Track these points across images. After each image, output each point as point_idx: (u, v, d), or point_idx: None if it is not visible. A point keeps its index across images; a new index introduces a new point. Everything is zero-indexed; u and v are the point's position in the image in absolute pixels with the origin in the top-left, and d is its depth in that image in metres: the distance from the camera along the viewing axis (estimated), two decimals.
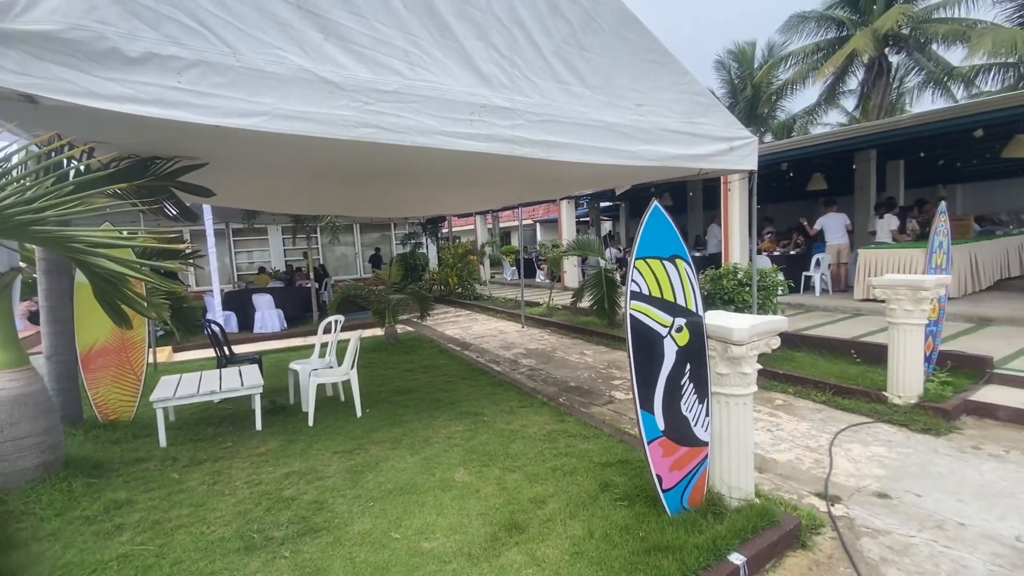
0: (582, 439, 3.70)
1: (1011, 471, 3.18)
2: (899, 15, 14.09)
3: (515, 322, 9.95)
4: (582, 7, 3.44)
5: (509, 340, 8.27)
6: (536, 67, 3.29)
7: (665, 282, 2.40)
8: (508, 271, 18.70)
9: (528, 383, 5.57)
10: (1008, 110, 6.20)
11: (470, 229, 22.05)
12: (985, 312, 6.46)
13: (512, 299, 12.17)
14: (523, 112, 3.19)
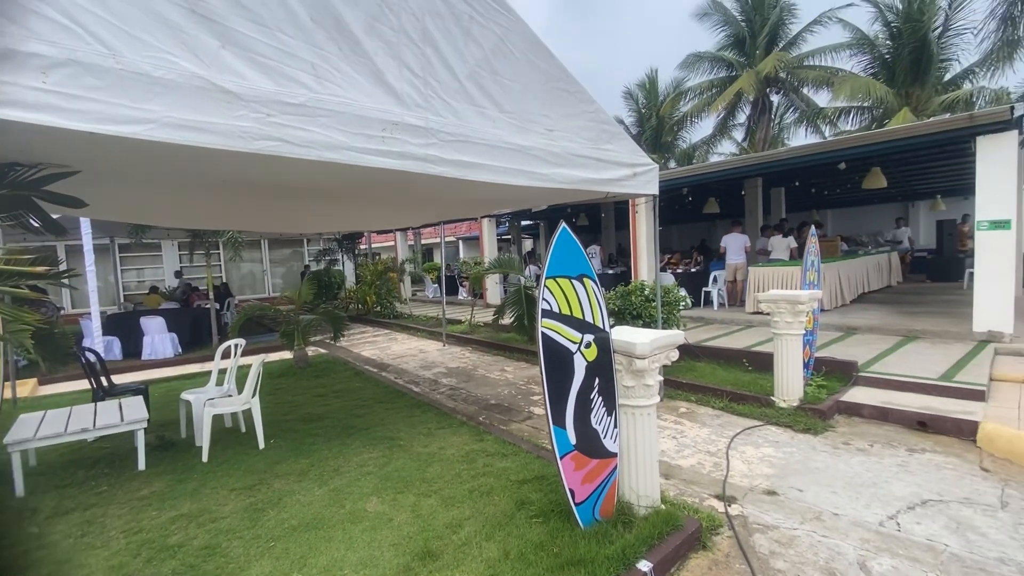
0: (500, 457, 3.70)
1: (874, 463, 3.62)
2: (777, 61, 15.98)
3: (436, 340, 9.81)
4: (495, 34, 3.55)
5: (430, 359, 8.13)
6: (450, 88, 3.33)
7: (574, 300, 2.49)
8: (430, 288, 18.45)
9: (448, 403, 5.49)
10: (864, 147, 7.23)
11: (390, 246, 21.57)
12: (851, 322, 7.39)
13: (434, 317, 12.00)
14: (437, 131, 3.20)
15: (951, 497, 3.11)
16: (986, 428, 3.82)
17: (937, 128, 6.25)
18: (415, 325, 11.41)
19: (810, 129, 17.85)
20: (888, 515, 2.92)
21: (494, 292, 13.77)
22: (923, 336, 6.48)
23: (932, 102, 14.01)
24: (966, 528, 2.78)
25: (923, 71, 14.15)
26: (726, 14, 17.87)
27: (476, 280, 11.54)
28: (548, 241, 13.66)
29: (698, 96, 19.26)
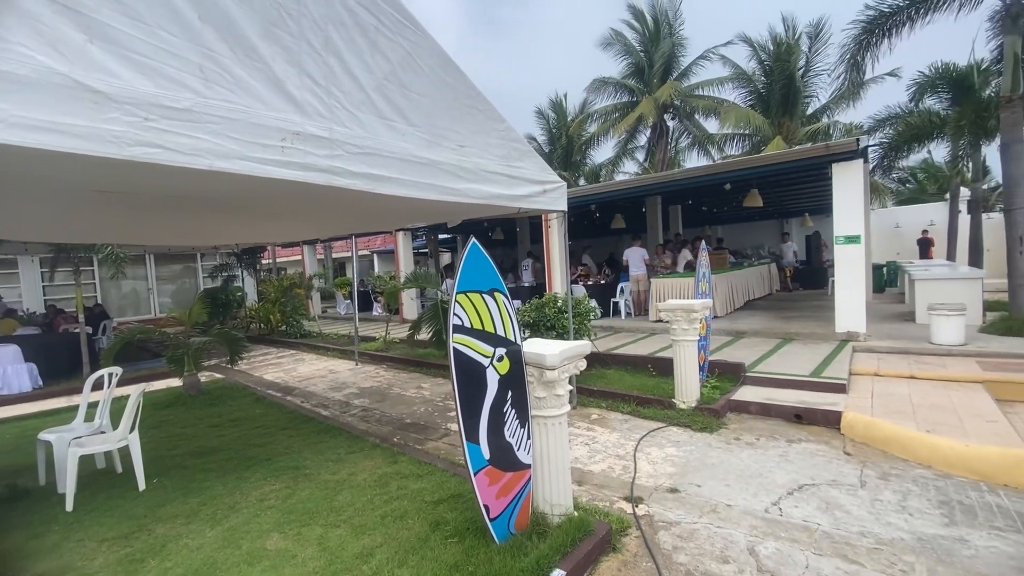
0: (415, 479, 3.60)
1: (760, 455, 4.00)
2: (672, 89, 17.47)
3: (348, 360, 9.37)
4: (403, 48, 3.52)
5: (341, 380, 7.74)
6: (356, 100, 3.25)
7: (486, 314, 2.51)
8: (342, 305, 17.66)
9: (360, 425, 5.25)
10: (745, 170, 8.09)
11: (298, 259, 20.37)
12: (739, 327, 8.16)
13: (346, 335, 11.47)
14: (343, 143, 3.10)
15: (822, 480, 3.51)
16: (847, 417, 4.38)
17: (801, 155, 7.18)
18: (325, 344, 10.83)
19: (701, 153, 19.65)
20: (772, 502, 3.24)
21: (410, 307, 13.48)
22: (797, 338, 7.32)
23: (799, 132, 16.03)
24: (834, 507, 3.15)
25: (791, 104, 16.18)
26: (627, 44, 19.25)
27: (391, 295, 11.22)
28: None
29: (603, 118, 20.47)
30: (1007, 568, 2.54)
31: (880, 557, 2.64)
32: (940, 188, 19.26)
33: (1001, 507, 3.15)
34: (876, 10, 7.89)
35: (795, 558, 2.64)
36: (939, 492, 3.34)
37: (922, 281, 7.85)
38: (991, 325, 6.94)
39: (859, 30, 8.14)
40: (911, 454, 3.85)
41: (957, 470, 3.62)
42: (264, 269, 16.45)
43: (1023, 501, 3.23)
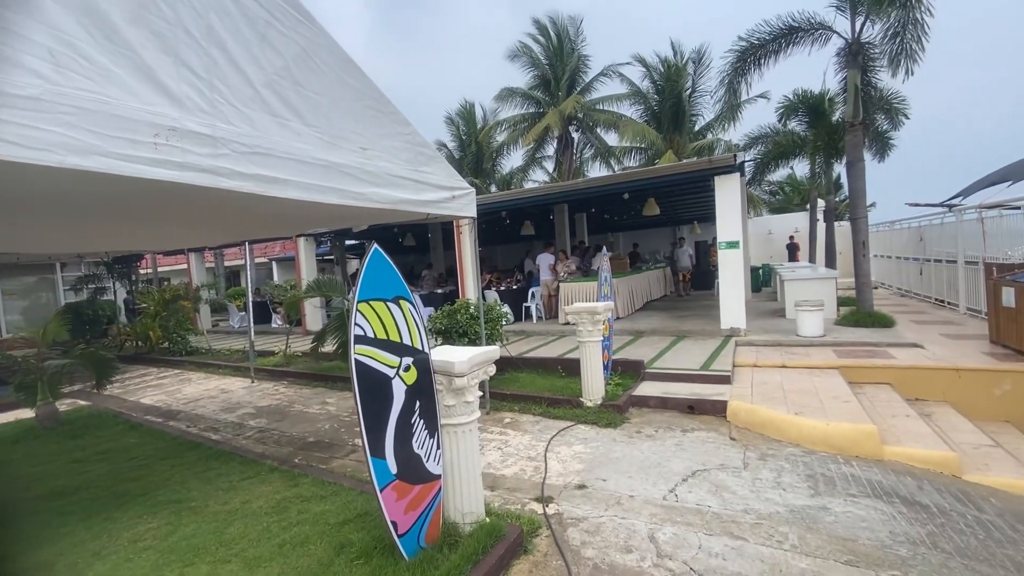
0: (318, 500, 3.38)
1: (659, 446, 4.28)
2: (575, 102, 18.28)
3: (243, 377, 8.62)
4: (297, 44, 3.33)
5: (234, 399, 7.09)
6: (244, 96, 3.01)
7: (390, 323, 2.43)
8: (236, 317, 16.23)
9: (255, 448, 4.84)
10: (641, 181, 8.67)
11: (183, 269, 18.42)
12: (639, 327, 8.71)
13: (240, 350, 10.56)
14: (229, 141, 2.85)
15: (712, 465, 3.83)
16: (731, 405, 4.84)
17: (688, 169, 7.87)
18: (216, 361, 9.88)
19: (603, 164, 20.74)
20: (669, 489, 3.47)
21: (314, 318, 12.73)
22: (689, 335, 7.96)
23: (688, 147, 17.53)
24: (722, 489, 3.45)
25: (680, 122, 17.65)
26: (533, 57, 19.84)
27: (292, 306, 10.51)
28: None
29: (512, 127, 20.90)
30: (859, 528, 2.94)
31: (760, 531, 2.94)
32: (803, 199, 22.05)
33: (854, 476, 3.64)
34: (747, 42, 8.87)
35: (689, 540, 2.85)
36: (806, 467, 3.79)
37: (789, 281, 8.93)
38: (844, 318, 8.06)
39: (734, 58, 9.10)
40: (784, 435, 4.34)
41: (820, 446, 4.14)
42: (142, 280, 14.67)
43: (870, 469, 3.77)
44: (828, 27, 8.38)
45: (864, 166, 8.22)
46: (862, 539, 2.83)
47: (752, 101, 15.61)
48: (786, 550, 2.73)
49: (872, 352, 6.22)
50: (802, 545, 2.78)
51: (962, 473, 3.78)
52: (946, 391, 5.34)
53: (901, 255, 12.45)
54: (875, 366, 5.73)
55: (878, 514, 3.10)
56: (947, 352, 5.96)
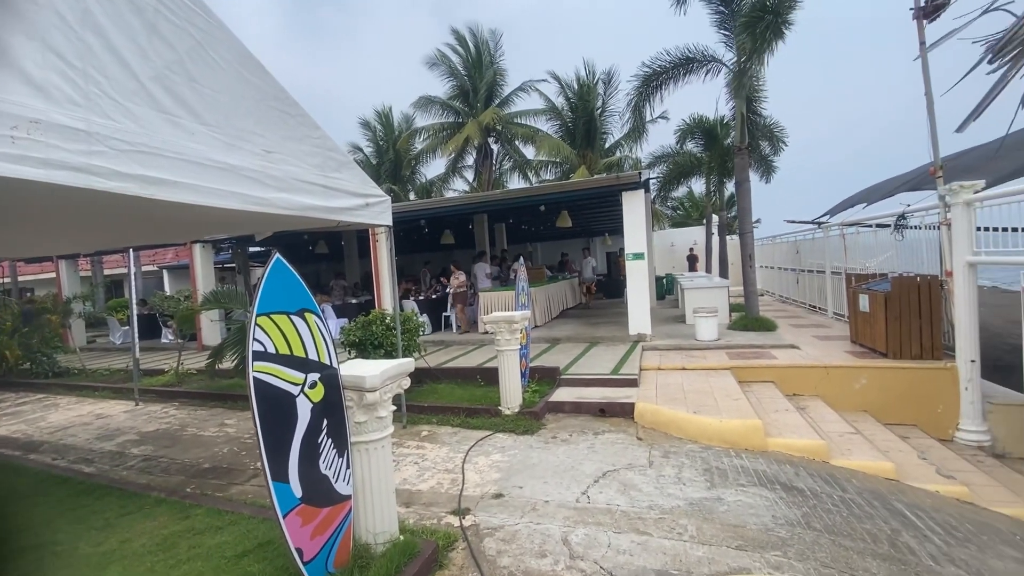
0: (213, 532, 3.10)
1: (572, 450, 4.43)
2: (493, 114, 18.57)
3: (126, 400, 7.69)
4: (192, 36, 3.09)
5: (113, 426, 6.31)
6: (127, 89, 2.73)
7: (294, 338, 2.30)
8: (117, 333, 14.47)
9: (138, 479, 4.34)
10: (555, 194, 9.00)
11: (50, 278, 16.13)
12: (556, 334, 8.98)
13: (122, 369, 9.43)
14: (107, 138, 2.57)
15: (620, 465, 4.04)
16: (638, 407, 5.13)
17: (599, 184, 8.30)
18: (91, 383, 8.73)
19: (522, 176, 21.22)
20: (581, 491, 3.60)
21: (211, 332, 11.69)
22: (602, 341, 8.34)
23: (599, 163, 18.45)
24: (629, 488, 3.64)
25: (592, 138, 18.57)
26: (452, 67, 19.90)
27: (185, 319, 9.56)
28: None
29: (432, 136, 20.75)
30: (748, 515, 3.24)
31: (663, 524, 3.14)
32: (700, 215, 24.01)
33: (744, 467, 4.01)
34: (650, 68, 9.60)
35: (600, 539, 2.98)
36: (703, 461, 4.11)
37: (689, 290, 9.69)
38: (735, 323, 8.88)
39: (639, 82, 9.79)
40: (684, 433, 4.68)
41: (715, 441, 4.51)
42: None
43: (757, 460, 4.17)
44: (718, 60, 9.29)
45: (750, 186, 9.17)
46: (750, 525, 3.12)
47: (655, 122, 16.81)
48: (685, 541, 2.94)
49: (758, 354, 6.91)
50: (699, 535, 3.00)
51: (830, 458, 4.30)
52: (817, 386, 6.07)
53: (782, 266, 13.98)
54: (760, 366, 6.37)
55: (763, 501, 3.43)
56: (818, 352, 6.77)
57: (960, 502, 3.91)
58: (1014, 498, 4.07)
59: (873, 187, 8.92)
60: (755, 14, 7.99)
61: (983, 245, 5.25)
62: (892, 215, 7.24)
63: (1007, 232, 5.04)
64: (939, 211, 5.76)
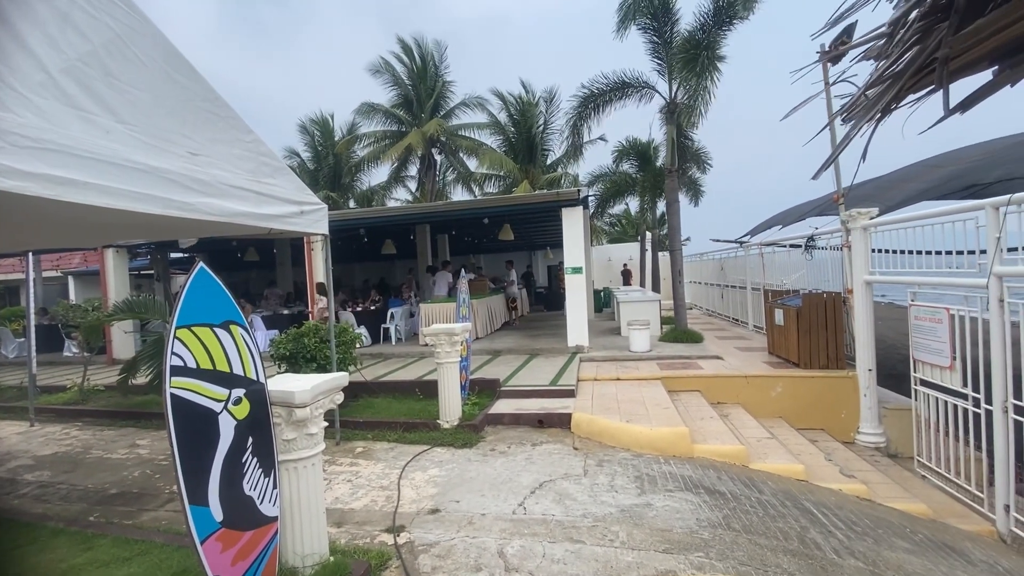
0: (120, 564, 2.84)
1: (510, 462, 4.46)
2: (438, 126, 18.57)
3: (19, 420, 6.88)
4: (110, 28, 2.90)
5: (3, 449, 5.63)
6: (33, 82, 2.51)
7: (218, 352, 2.19)
8: (11, 345, 12.97)
9: (33, 508, 3.90)
10: (498, 208, 9.12)
11: None
12: (497, 346, 9.02)
13: (16, 386, 8.44)
14: (8, 132, 2.34)
15: (556, 475, 4.11)
16: (575, 417, 5.26)
17: (539, 199, 8.53)
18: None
19: (465, 188, 21.28)
20: (518, 503, 3.64)
21: (124, 344, 10.75)
22: (541, 353, 8.48)
23: (541, 179, 18.86)
24: (565, 497, 3.72)
25: (534, 154, 18.96)
26: (396, 76, 19.73)
27: (92, 330, 8.71)
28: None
29: (374, 143, 20.39)
30: (674, 519, 3.40)
31: (596, 532, 3.23)
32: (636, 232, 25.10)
33: (672, 473, 4.21)
34: (588, 90, 10.02)
35: (535, 550, 3.02)
36: (635, 469, 4.28)
37: (623, 303, 10.09)
38: (665, 335, 9.32)
39: (577, 103, 10.18)
40: (617, 441, 4.85)
41: (646, 449, 4.70)
42: None
43: (684, 466, 4.39)
44: (652, 87, 9.85)
45: (679, 206, 9.74)
46: (676, 528, 3.28)
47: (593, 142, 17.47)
48: (616, 547, 3.04)
49: (686, 364, 7.29)
50: (630, 540, 3.12)
51: (749, 462, 4.61)
52: (739, 395, 6.49)
53: (708, 281, 14.87)
54: (688, 376, 6.73)
55: (688, 505, 3.62)
56: (740, 362, 7.25)
57: (859, 499, 4.31)
58: (904, 494, 4.54)
59: (787, 211, 9.74)
60: (690, 51, 8.58)
61: (878, 265, 5.87)
62: (803, 237, 7.94)
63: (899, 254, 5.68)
64: (841, 234, 6.39)
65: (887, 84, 1.35)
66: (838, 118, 1.54)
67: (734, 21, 8.86)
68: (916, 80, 1.27)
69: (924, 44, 1.20)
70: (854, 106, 1.45)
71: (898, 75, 1.30)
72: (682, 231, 9.86)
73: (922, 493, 4.61)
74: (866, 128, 1.43)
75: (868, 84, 1.42)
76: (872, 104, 1.40)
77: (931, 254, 4.86)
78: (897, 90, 1.30)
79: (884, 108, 1.36)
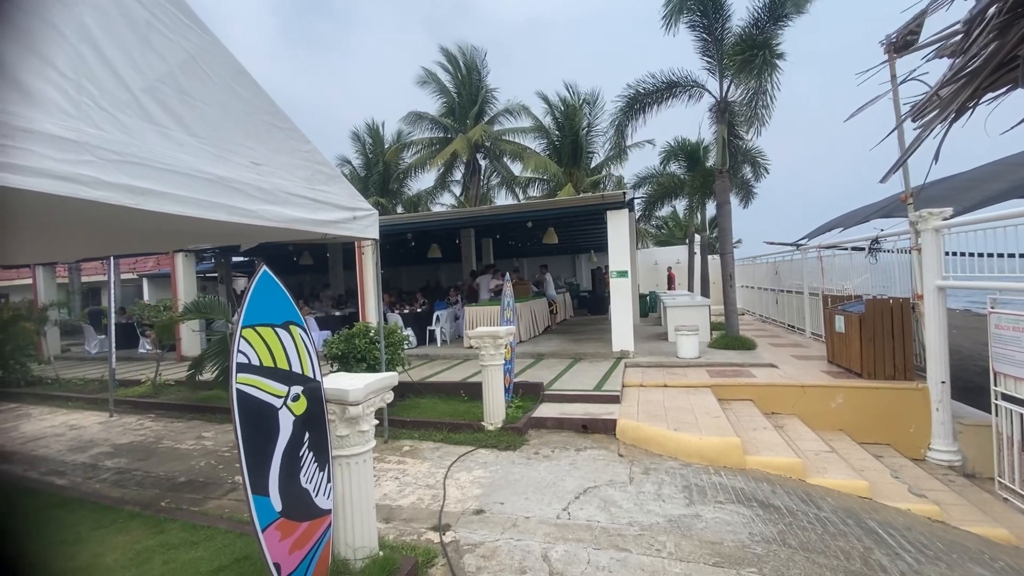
0: (189, 547, 3.05)
1: (554, 466, 4.44)
2: (482, 131, 18.80)
3: (100, 411, 7.50)
4: (184, 50, 3.13)
5: (87, 437, 6.15)
6: (119, 100, 2.75)
7: (279, 350, 2.32)
8: (93, 341, 14.14)
9: (112, 492, 4.24)
10: (543, 212, 9.13)
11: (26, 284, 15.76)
12: (540, 350, 9.02)
13: (98, 379, 9.20)
14: (96, 148, 2.58)
15: (601, 482, 4.06)
16: (620, 423, 5.18)
17: (584, 203, 8.45)
18: (64, 393, 8.51)
19: (509, 192, 21.42)
20: (562, 508, 3.62)
21: (191, 343, 11.50)
22: (585, 357, 8.40)
23: (585, 181, 18.73)
24: (610, 504, 3.67)
25: (578, 157, 18.86)
26: (440, 85, 20.17)
27: (164, 329, 9.39)
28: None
29: (421, 150, 20.91)
30: (725, 532, 3.28)
31: (643, 541, 3.17)
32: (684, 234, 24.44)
33: (722, 485, 4.07)
34: (635, 90, 9.86)
35: (579, 556, 2.99)
36: (683, 478, 4.16)
37: (671, 308, 9.83)
38: (715, 342, 9.01)
39: (623, 103, 10.04)
40: (664, 449, 4.73)
41: (694, 459, 4.56)
42: None
43: (735, 477, 4.23)
44: (702, 85, 9.58)
45: (731, 208, 9.40)
46: (727, 541, 3.16)
47: (640, 145, 17.21)
48: (664, 557, 2.97)
49: (738, 372, 7.03)
50: (677, 552, 3.04)
51: (806, 476, 4.38)
52: (795, 405, 6.18)
53: (762, 286, 14.26)
54: (740, 384, 6.47)
55: (740, 518, 3.49)
56: (796, 371, 6.91)
57: (931, 521, 4.01)
58: (983, 517, 4.18)
59: (849, 213, 9.21)
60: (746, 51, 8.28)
61: (952, 270, 5.45)
62: (867, 239, 7.49)
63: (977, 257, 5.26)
64: (910, 236, 5.98)
65: (962, 82, 1.26)
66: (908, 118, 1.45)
67: (792, 16, 8.49)
68: (995, 78, 1.19)
69: (1003, 40, 1.12)
70: (926, 105, 1.37)
71: (975, 73, 1.22)
72: (733, 233, 9.51)
73: (1004, 517, 4.23)
74: (940, 128, 1.34)
75: (942, 82, 1.33)
76: (947, 103, 1.31)
77: (1016, 257, 4.48)
78: (974, 88, 1.22)
79: (960, 107, 1.27)
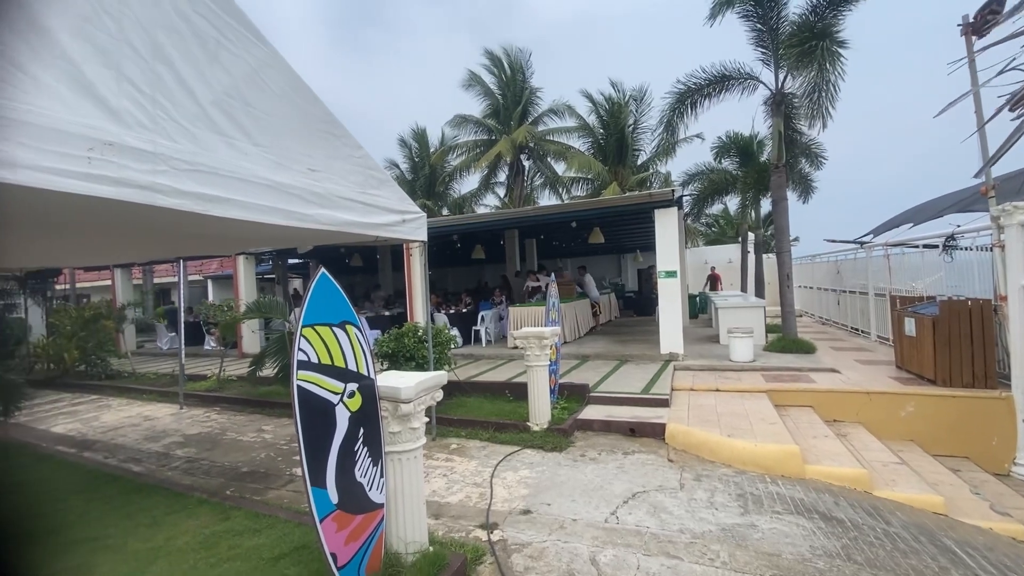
0: (252, 534, 3.22)
1: (602, 469, 4.39)
2: (527, 132, 18.83)
3: (171, 403, 8.06)
4: (248, 64, 3.31)
5: (160, 427, 6.62)
6: (190, 113, 2.95)
7: (336, 349, 2.41)
8: (164, 338, 15.19)
9: (183, 480, 4.54)
10: (588, 211, 9.03)
11: (106, 285, 17.14)
12: (585, 351, 8.93)
13: (168, 374, 9.88)
14: (169, 158, 2.77)
15: (651, 487, 3.98)
16: (670, 428, 5.05)
17: (631, 201, 8.29)
18: (139, 386, 9.19)
19: (553, 192, 21.34)
20: (611, 511, 3.57)
21: (252, 341, 12.13)
22: (632, 359, 8.25)
23: (631, 179, 18.39)
24: (660, 510, 3.58)
25: (624, 155, 18.54)
26: (485, 88, 20.36)
27: (228, 327, 9.98)
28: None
29: (466, 153, 21.19)
30: (783, 544, 3.14)
31: (694, 549, 3.07)
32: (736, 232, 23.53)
33: (779, 494, 3.89)
34: (685, 85, 9.59)
35: (629, 561, 2.94)
36: (737, 487, 4.01)
37: (723, 309, 9.49)
38: (771, 344, 8.62)
39: (673, 99, 9.78)
40: (717, 456, 4.57)
41: (749, 466, 4.38)
42: (58, 296, 13.49)
43: (794, 487, 4.03)
44: (755, 77, 9.20)
45: (787, 204, 8.98)
46: (785, 554, 3.02)
47: (689, 140, 16.68)
48: (717, 567, 2.87)
49: (796, 377, 6.69)
50: (732, 562, 2.93)
51: (873, 489, 4.12)
52: (859, 413, 5.82)
53: (821, 286, 13.53)
54: (798, 390, 6.16)
55: (800, 530, 3.32)
56: (860, 377, 6.51)
57: (1016, 541, 3.68)
58: None
59: (919, 207, 8.58)
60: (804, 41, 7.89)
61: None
62: (940, 236, 6.95)
63: None
64: (991, 232, 5.51)
65: None
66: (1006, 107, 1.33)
67: (852, 1, 8.02)
68: None
69: None
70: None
71: None
72: (790, 230, 9.07)
73: None
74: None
75: None
76: None
77: None
78: None
79: None
